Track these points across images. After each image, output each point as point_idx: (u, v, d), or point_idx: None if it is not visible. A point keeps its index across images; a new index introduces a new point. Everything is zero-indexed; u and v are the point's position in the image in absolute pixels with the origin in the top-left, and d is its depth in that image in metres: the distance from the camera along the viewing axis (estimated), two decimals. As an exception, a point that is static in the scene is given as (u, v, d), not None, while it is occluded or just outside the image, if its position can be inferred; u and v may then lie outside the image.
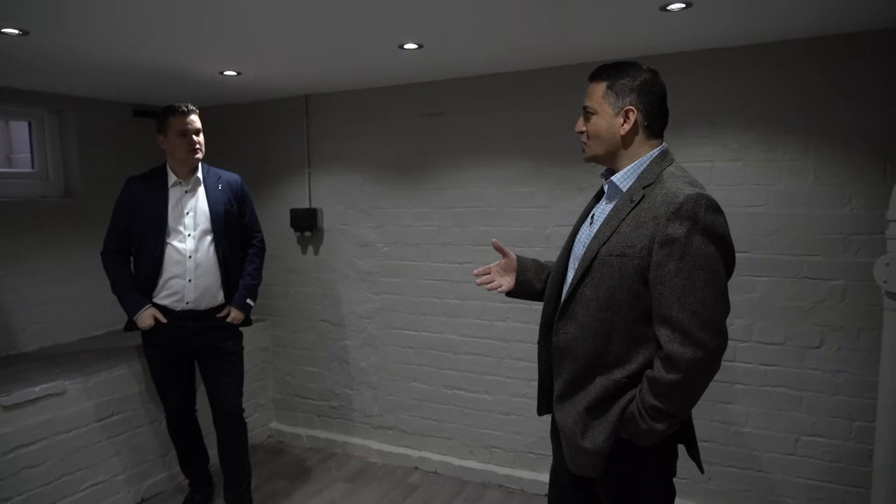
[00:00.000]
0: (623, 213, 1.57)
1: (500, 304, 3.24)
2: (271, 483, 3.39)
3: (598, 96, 1.63)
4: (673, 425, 1.52)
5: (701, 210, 1.47)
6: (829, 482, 2.62)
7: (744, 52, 2.60)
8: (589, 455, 1.59)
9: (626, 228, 1.55)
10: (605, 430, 1.57)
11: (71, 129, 3.54)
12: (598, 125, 1.64)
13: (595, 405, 1.58)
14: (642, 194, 1.56)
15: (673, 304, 1.46)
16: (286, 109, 3.76)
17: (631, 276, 1.52)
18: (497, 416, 3.32)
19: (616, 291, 1.54)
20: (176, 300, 2.74)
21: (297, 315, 3.90)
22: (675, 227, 1.47)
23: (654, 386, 1.49)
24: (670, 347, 1.46)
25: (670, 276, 1.47)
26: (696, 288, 1.45)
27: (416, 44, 2.49)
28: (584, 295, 1.59)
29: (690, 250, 1.46)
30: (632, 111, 1.60)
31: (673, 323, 1.46)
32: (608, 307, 1.55)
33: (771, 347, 2.68)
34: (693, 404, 1.53)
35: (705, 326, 1.44)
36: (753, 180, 2.65)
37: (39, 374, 2.86)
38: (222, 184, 2.85)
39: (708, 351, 1.44)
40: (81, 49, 2.43)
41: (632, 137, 1.63)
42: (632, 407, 1.54)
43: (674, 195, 1.50)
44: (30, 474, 2.64)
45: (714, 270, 1.47)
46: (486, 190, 3.24)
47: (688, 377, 1.45)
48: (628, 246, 1.53)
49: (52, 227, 3.42)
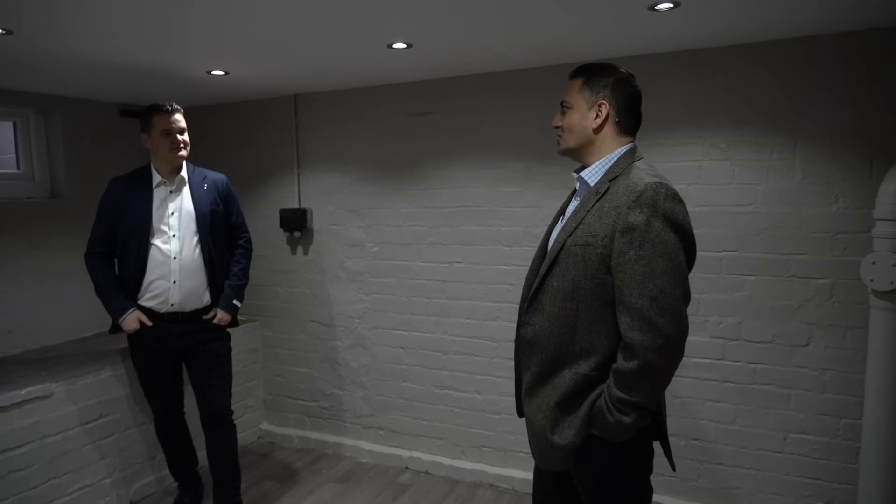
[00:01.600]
0: (589, 204, 1.62)
1: (490, 303, 3.24)
2: (261, 484, 3.38)
3: (575, 91, 1.70)
4: (642, 417, 1.53)
5: (660, 198, 1.51)
6: (817, 479, 2.64)
7: (731, 52, 2.62)
8: (558, 450, 1.61)
9: (591, 219, 1.59)
10: (576, 426, 1.59)
11: (57, 129, 3.50)
12: (572, 118, 1.70)
13: (565, 400, 1.60)
14: (607, 186, 1.61)
15: (633, 290, 1.49)
16: (275, 109, 3.74)
17: (594, 264, 1.56)
18: (488, 416, 3.32)
19: (580, 280, 1.58)
20: (160, 302, 2.71)
21: (286, 316, 3.88)
22: (635, 215, 1.51)
23: (619, 377, 1.51)
24: (630, 335, 1.49)
25: (630, 263, 1.50)
26: (656, 275, 1.48)
27: (405, 43, 2.48)
28: (551, 286, 1.63)
29: (650, 237, 1.49)
30: (604, 105, 1.66)
31: (632, 309, 1.49)
32: (573, 296, 1.59)
33: (759, 346, 2.69)
34: (658, 393, 1.55)
35: (664, 312, 1.46)
36: (741, 180, 2.67)
37: (25, 377, 2.83)
38: (208, 183, 2.82)
39: (667, 337, 1.46)
40: (67, 48, 2.41)
41: (603, 132, 1.67)
42: (600, 402, 1.56)
43: (634, 184, 1.54)
44: (16, 478, 2.61)
45: (673, 257, 1.50)
46: (475, 189, 3.24)
47: (647, 364, 1.47)
48: (592, 235, 1.57)
49: (38, 228, 3.39)
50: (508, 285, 3.17)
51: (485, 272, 3.25)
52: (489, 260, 3.23)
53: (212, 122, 3.94)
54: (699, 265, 2.74)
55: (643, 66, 2.77)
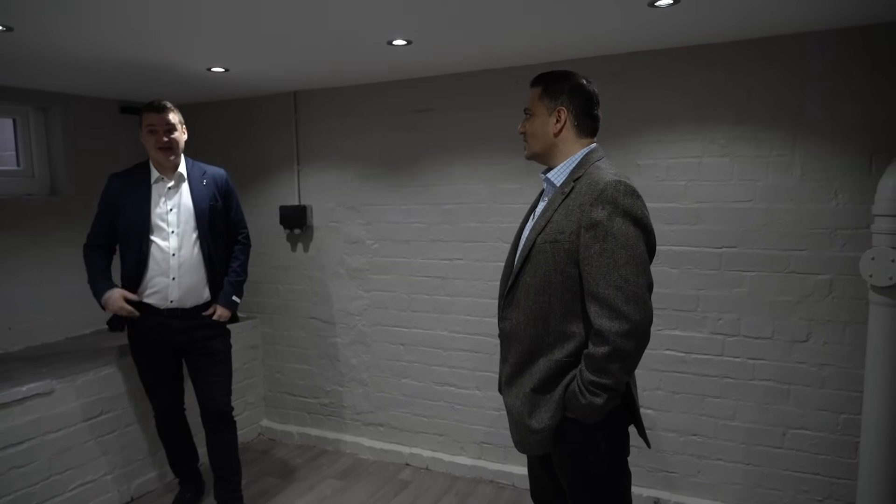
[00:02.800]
0: (556, 203, 1.73)
1: (489, 300, 3.24)
2: (262, 481, 3.39)
3: (536, 99, 1.81)
4: (612, 399, 1.63)
5: (620, 195, 1.62)
6: (816, 474, 2.64)
7: (731, 47, 2.62)
8: (536, 433, 1.72)
9: (558, 217, 1.70)
10: (551, 409, 1.70)
11: (57, 126, 3.50)
12: (534, 125, 1.81)
13: (540, 386, 1.71)
14: (572, 186, 1.71)
15: (599, 281, 1.60)
16: (274, 106, 3.74)
17: (563, 259, 1.67)
18: (488, 412, 3.33)
19: (551, 275, 1.69)
20: (160, 298, 2.71)
21: (287, 312, 3.89)
22: (597, 212, 1.62)
23: (590, 361, 1.62)
24: (599, 322, 1.60)
25: (596, 256, 1.61)
26: (619, 265, 1.59)
27: (405, 40, 2.48)
28: (525, 282, 1.74)
29: (612, 231, 1.60)
30: (562, 111, 1.77)
31: (600, 299, 1.60)
32: (545, 290, 1.70)
33: (758, 342, 2.70)
34: (627, 375, 1.64)
35: (629, 300, 1.57)
36: (741, 176, 2.67)
37: (26, 374, 2.83)
38: (207, 179, 2.82)
39: (633, 323, 1.57)
40: (67, 45, 2.41)
41: (563, 135, 1.78)
42: (573, 385, 1.67)
43: (596, 183, 1.65)
44: (17, 474, 2.62)
45: (634, 248, 1.61)
46: (475, 186, 3.24)
47: (616, 349, 1.57)
48: (559, 232, 1.68)
49: (38, 225, 3.39)
50: (508, 282, 3.17)
51: (485, 269, 3.25)
52: (489, 257, 3.23)
53: (212, 119, 3.94)
54: (698, 261, 2.75)
55: (643, 62, 2.77)
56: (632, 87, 2.76)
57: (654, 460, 2.93)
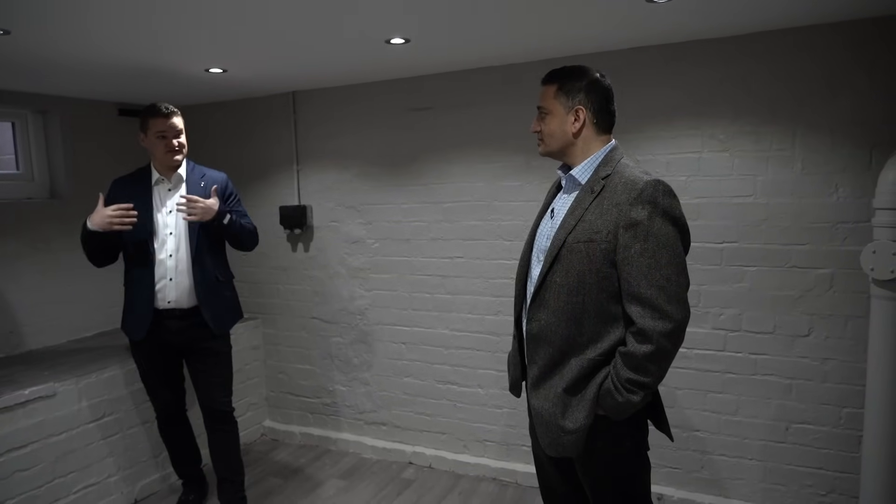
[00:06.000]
0: (586, 202, 1.69)
1: (491, 298, 3.24)
2: (265, 481, 3.39)
3: (551, 97, 1.77)
4: (647, 396, 1.63)
5: (659, 195, 1.60)
6: (820, 469, 2.64)
7: (730, 42, 2.61)
8: (570, 434, 1.68)
9: (591, 216, 1.67)
10: (585, 408, 1.67)
11: (56, 129, 3.50)
12: (551, 124, 1.77)
13: (572, 385, 1.68)
14: (602, 185, 1.69)
15: (641, 281, 1.58)
16: (273, 106, 3.74)
17: (599, 259, 1.64)
18: (490, 410, 3.33)
19: (585, 275, 1.65)
20: (159, 298, 2.72)
21: (288, 313, 3.89)
22: (637, 211, 1.60)
23: (628, 360, 1.60)
24: (642, 322, 1.58)
25: (636, 256, 1.59)
26: (661, 265, 1.58)
27: (403, 38, 2.48)
28: (554, 282, 1.69)
29: (653, 231, 1.59)
30: (581, 109, 1.73)
31: (642, 299, 1.58)
32: (578, 291, 1.66)
33: (760, 336, 2.70)
34: (664, 374, 1.63)
35: (671, 300, 1.57)
36: (741, 171, 2.67)
37: (29, 377, 2.84)
38: (206, 181, 2.82)
39: (676, 322, 1.58)
40: (64, 48, 2.40)
41: (583, 134, 1.75)
42: (607, 383, 1.65)
43: (633, 182, 1.63)
44: (21, 477, 2.62)
45: (674, 249, 1.61)
46: (474, 184, 3.24)
47: (659, 348, 1.57)
48: (594, 232, 1.64)
49: (38, 228, 3.39)
50: (509, 279, 3.16)
51: (485, 267, 3.25)
52: (490, 254, 3.23)
53: (211, 120, 3.94)
54: (700, 257, 2.74)
55: (641, 58, 2.77)
56: (630, 83, 2.75)
57: (658, 456, 2.93)
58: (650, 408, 1.77)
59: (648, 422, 1.80)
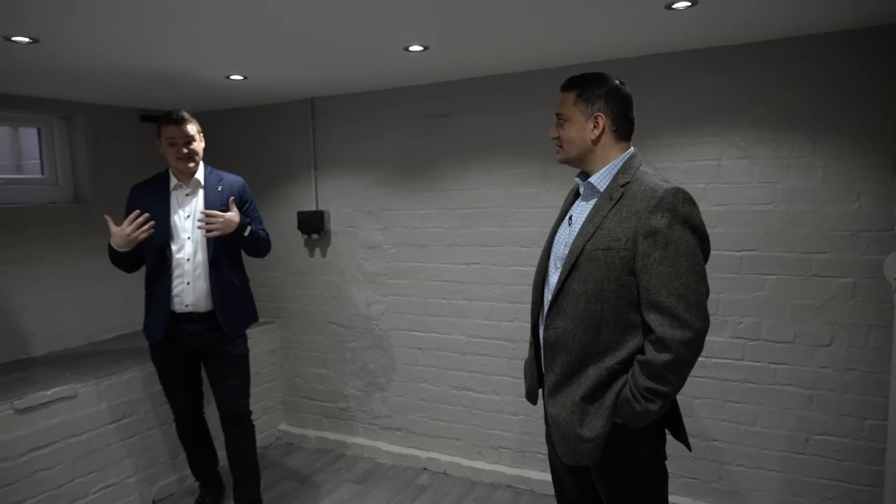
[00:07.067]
0: (604, 210, 1.68)
1: (507, 304, 3.24)
2: (281, 484, 3.41)
3: (570, 104, 1.76)
4: (665, 405, 1.62)
5: (679, 202, 1.59)
6: (841, 481, 2.60)
7: (750, 49, 2.60)
8: (588, 442, 1.67)
9: (610, 224, 1.66)
10: (603, 416, 1.66)
11: (79, 134, 3.57)
12: (570, 131, 1.76)
13: (590, 394, 1.67)
14: (621, 192, 1.68)
15: (660, 289, 1.58)
16: (292, 112, 3.78)
17: (618, 267, 1.63)
18: (505, 417, 3.32)
19: (604, 283, 1.64)
20: (177, 302, 2.75)
21: (304, 317, 3.92)
22: (657, 219, 1.59)
23: (647, 368, 1.59)
24: (661, 330, 1.57)
25: (656, 264, 1.58)
26: (680, 274, 1.57)
27: (422, 45, 2.49)
28: (572, 290, 1.69)
29: (672, 239, 1.58)
30: (601, 116, 1.73)
31: (662, 307, 1.58)
32: (597, 299, 1.65)
33: (780, 346, 2.66)
34: (683, 383, 1.62)
35: (691, 308, 1.56)
36: (761, 178, 2.64)
37: (51, 378, 2.88)
38: (223, 185, 2.85)
39: (696, 331, 1.56)
40: (89, 56, 2.45)
41: (602, 141, 1.74)
42: (625, 391, 1.64)
43: (653, 190, 1.62)
44: (42, 477, 2.66)
45: (694, 257, 1.60)
46: (492, 191, 3.24)
47: (679, 357, 1.56)
48: (613, 240, 1.64)
49: (62, 232, 3.45)
50: (526, 286, 3.16)
51: (502, 273, 3.25)
52: (506, 261, 3.23)
53: (230, 126, 3.98)
54: (718, 264, 2.72)
55: (660, 65, 2.76)
56: (647, 89, 2.74)
57: (674, 466, 2.90)
58: (668, 417, 1.75)
59: (666, 431, 1.79)
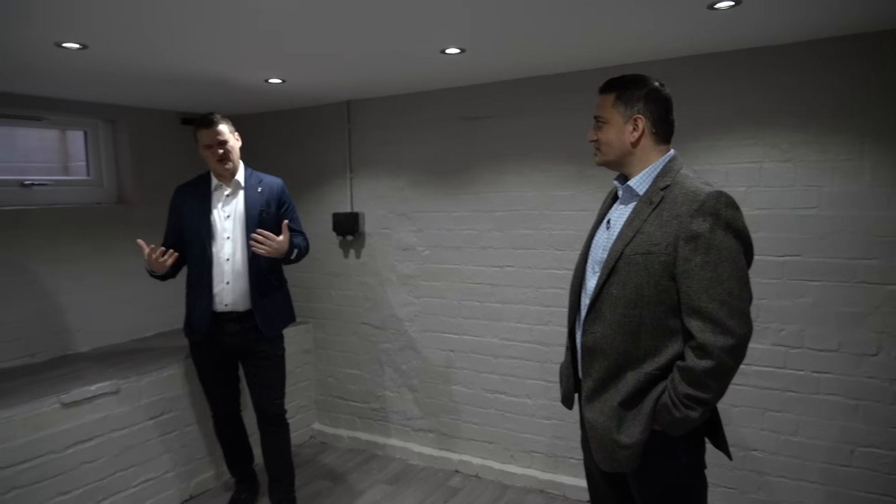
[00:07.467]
0: (644, 214, 1.66)
1: (541, 307, 3.22)
2: (314, 483, 3.45)
3: (608, 106, 1.74)
4: (705, 413, 1.59)
5: (721, 206, 1.56)
6: (887, 495, 2.51)
7: (793, 49, 2.53)
8: (626, 448, 1.65)
9: (649, 228, 1.63)
10: (641, 423, 1.64)
11: (123, 137, 3.67)
12: (609, 133, 1.74)
13: (628, 399, 1.65)
14: (661, 196, 1.65)
15: (702, 295, 1.54)
16: (328, 115, 3.82)
17: (658, 272, 1.60)
18: (538, 421, 3.30)
19: (643, 288, 1.62)
20: (217, 301, 2.81)
21: (338, 318, 3.95)
22: (698, 223, 1.56)
23: (687, 375, 1.56)
24: (702, 336, 1.54)
25: (697, 269, 1.55)
26: (723, 279, 1.54)
27: (459, 48, 2.50)
28: (611, 294, 1.66)
29: (714, 244, 1.55)
30: (640, 119, 1.70)
31: (703, 313, 1.54)
32: (636, 304, 1.63)
33: (824, 354, 2.59)
34: (724, 391, 1.59)
35: (733, 315, 1.53)
36: (805, 181, 2.57)
37: (95, 374, 2.97)
38: (262, 187, 2.90)
39: (738, 337, 1.53)
40: (135, 61, 2.52)
41: (641, 144, 1.72)
42: (664, 398, 1.61)
43: (695, 194, 1.59)
44: (87, 469, 2.74)
45: (737, 262, 1.56)
46: (526, 193, 3.22)
47: (720, 364, 1.52)
48: (653, 244, 1.61)
49: (106, 232, 3.55)
50: (560, 289, 3.14)
51: (536, 276, 3.23)
52: (540, 264, 3.21)
53: (268, 129, 4.05)
54: (759, 270, 2.66)
55: (698, 65, 2.71)
56: (687, 91, 2.70)
57: (711, 475, 2.82)
58: (707, 424, 1.72)
59: (705, 439, 1.75)
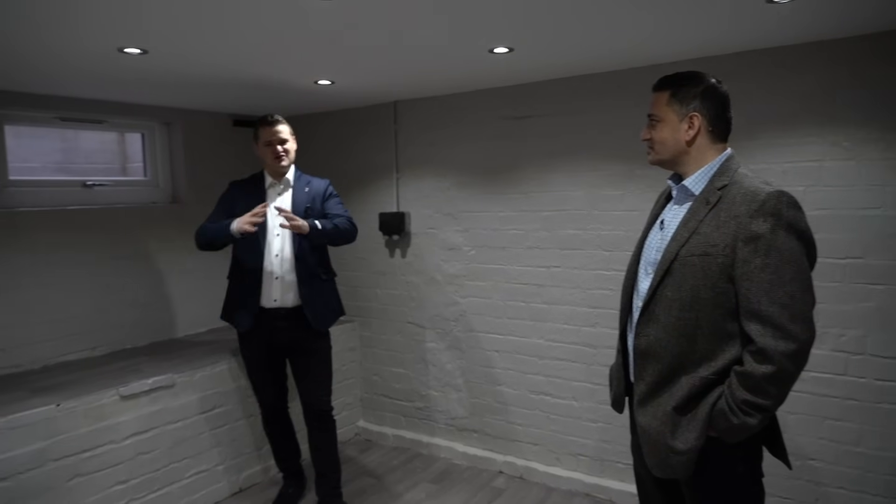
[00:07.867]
0: (700, 214, 1.61)
1: (588, 309, 3.17)
2: (359, 480, 3.48)
3: (663, 104, 1.70)
4: (763, 420, 1.53)
5: (783, 206, 1.51)
6: (958, 511, 2.39)
7: (855, 42, 2.43)
8: (681, 455, 1.60)
9: (706, 229, 1.58)
10: (697, 428, 1.59)
11: (178, 139, 3.79)
12: (663, 132, 1.71)
13: (683, 404, 1.60)
14: (718, 196, 1.60)
15: (762, 298, 1.49)
16: (375, 115, 3.86)
17: (715, 274, 1.55)
18: (584, 424, 3.26)
19: (700, 290, 1.57)
20: (265, 297, 2.87)
21: (384, 316, 3.99)
22: (758, 224, 1.51)
23: (746, 380, 1.51)
24: (763, 341, 1.48)
25: (757, 271, 1.50)
26: (784, 282, 1.49)
27: (507, 47, 2.48)
28: (665, 296, 1.63)
29: (776, 246, 1.50)
30: (696, 117, 1.66)
31: (763, 317, 1.49)
32: (692, 307, 1.58)
33: (888, 361, 2.47)
34: (784, 397, 1.53)
35: (795, 319, 1.48)
36: (868, 180, 2.46)
37: (152, 367, 3.08)
38: (309, 187, 2.97)
39: (800, 342, 1.48)
40: (191, 65, 2.60)
41: (697, 142, 1.67)
42: (721, 403, 1.56)
43: (754, 193, 1.54)
44: (143, 460, 2.84)
45: (799, 264, 1.51)
46: (574, 193, 3.19)
47: (781, 369, 1.47)
48: (710, 245, 1.56)
49: (162, 231, 3.67)
50: (608, 290, 3.09)
51: (583, 277, 3.19)
52: (588, 264, 3.17)
53: (317, 130, 4.12)
54: (818, 273, 2.53)
55: (754, 61, 2.63)
56: (742, 88, 2.61)
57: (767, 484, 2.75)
58: (766, 431, 1.66)
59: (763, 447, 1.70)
